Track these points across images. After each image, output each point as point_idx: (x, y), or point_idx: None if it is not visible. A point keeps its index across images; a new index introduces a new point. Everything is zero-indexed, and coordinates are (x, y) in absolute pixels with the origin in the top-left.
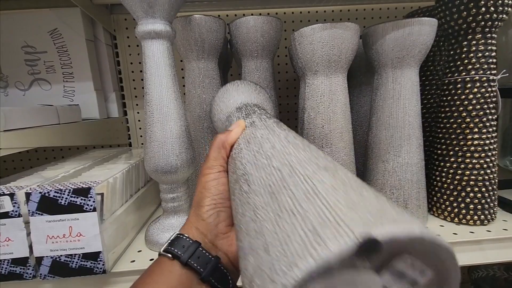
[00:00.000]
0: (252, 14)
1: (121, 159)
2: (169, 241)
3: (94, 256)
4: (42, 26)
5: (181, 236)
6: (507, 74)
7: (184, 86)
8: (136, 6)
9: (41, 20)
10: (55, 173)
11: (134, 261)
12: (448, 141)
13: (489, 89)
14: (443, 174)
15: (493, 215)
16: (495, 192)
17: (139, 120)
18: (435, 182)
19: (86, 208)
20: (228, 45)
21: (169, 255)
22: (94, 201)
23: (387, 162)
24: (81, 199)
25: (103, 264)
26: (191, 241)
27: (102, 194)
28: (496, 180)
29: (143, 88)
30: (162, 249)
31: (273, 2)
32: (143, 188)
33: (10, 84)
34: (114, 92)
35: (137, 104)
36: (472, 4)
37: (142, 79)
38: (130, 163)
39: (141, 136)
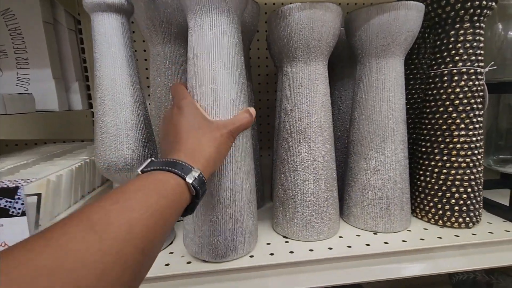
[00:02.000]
0: None
1: (78, 154)
2: (196, 178)
3: None
4: None
5: (202, 177)
6: (495, 67)
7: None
8: None
9: None
10: None
11: None
12: (433, 138)
13: (477, 83)
14: (427, 173)
15: (478, 218)
16: (481, 193)
17: None
18: (418, 182)
19: (13, 212)
20: None
21: (194, 191)
22: (23, 204)
23: (370, 160)
24: (6, 201)
25: None
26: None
27: (39, 195)
28: (482, 180)
29: None
30: (191, 181)
31: None
32: (99, 188)
33: None
34: (77, 82)
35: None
36: None
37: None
38: (83, 159)
39: None
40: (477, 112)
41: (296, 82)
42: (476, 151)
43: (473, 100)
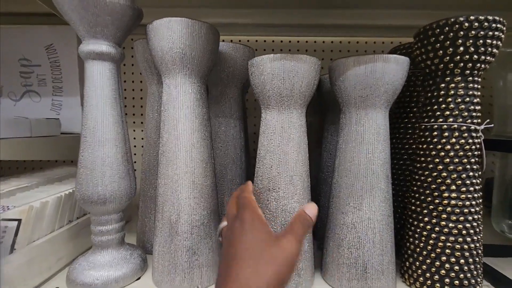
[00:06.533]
0: (223, 41)
1: None
2: None
3: None
4: (39, 41)
5: None
6: (492, 125)
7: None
8: (77, 25)
9: (38, 35)
10: None
11: None
12: (422, 197)
13: (470, 141)
14: (416, 235)
15: None
16: (479, 264)
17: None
18: (408, 244)
19: None
20: None
21: None
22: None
23: (346, 214)
24: None
25: None
26: None
27: (19, 221)
28: (480, 250)
29: (133, 106)
30: None
31: (256, 29)
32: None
33: (3, 93)
34: None
35: (126, 122)
36: (448, 42)
37: (133, 98)
38: None
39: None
40: (471, 173)
41: (270, 129)
42: (470, 217)
43: (465, 160)
